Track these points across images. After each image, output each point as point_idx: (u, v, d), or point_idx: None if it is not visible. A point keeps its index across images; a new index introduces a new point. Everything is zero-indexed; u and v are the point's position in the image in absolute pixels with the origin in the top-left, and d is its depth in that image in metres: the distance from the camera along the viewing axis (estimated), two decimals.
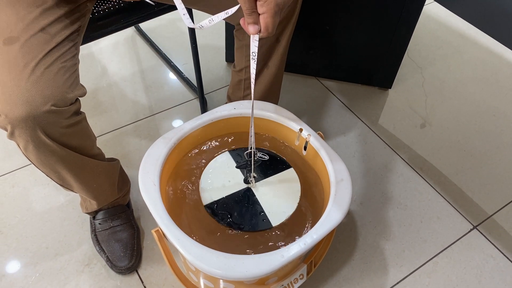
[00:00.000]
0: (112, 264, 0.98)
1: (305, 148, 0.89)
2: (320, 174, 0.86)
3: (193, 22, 0.69)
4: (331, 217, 0.74)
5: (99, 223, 1.01)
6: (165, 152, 0.82)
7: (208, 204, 0.84)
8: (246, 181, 0.87)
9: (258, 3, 0.60)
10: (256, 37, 0.64)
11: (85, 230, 1.05)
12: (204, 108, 1.33)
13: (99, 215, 1.01)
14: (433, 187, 1.18)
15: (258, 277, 0.69)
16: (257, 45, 0.65)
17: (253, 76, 0.69)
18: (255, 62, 0.67)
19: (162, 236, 0.75)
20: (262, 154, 0.89)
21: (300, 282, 0.86)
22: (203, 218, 0.82)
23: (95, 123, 1.27)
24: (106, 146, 1.23)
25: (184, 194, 0.85)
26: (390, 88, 1.44)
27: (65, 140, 0.75)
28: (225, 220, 0.82)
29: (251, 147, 0.80)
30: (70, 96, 0.72)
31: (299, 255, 0.70)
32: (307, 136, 0.87)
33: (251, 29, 0.63)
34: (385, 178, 1.20)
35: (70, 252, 1.02)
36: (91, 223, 1.03)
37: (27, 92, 0.67)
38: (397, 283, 1.00)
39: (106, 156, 0.94)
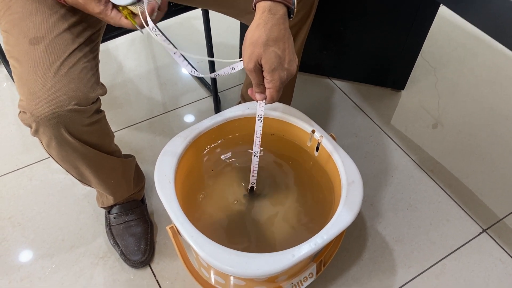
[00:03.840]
0: (125, 257, 1.01)
1: (317, 149, 0.91)
2: (331, 175, 0.88)
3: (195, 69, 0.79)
4: (342, 218, 0.76)
5: (114, 218, 1.03)
6: (180, 150, 0.84)
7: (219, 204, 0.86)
8: (251, 189, 0.90)
9: (265, 80, 0.70)
10: (263, 103, 0.75)
11: (100, 224, 1.08)
12: (217, 106, 1.35)
13: (114, 210, 1.03)
14: (443, 190, 1.19)
15: (269, 276, 0.71)
16: (263, 110, 0.76)
17: (259, 133, 0.78)
18: (262, 123, 0.78)
19: (176, 233, 0.77)
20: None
21: (310, 281, 0.88)
22: (217, 216, 0.84)
23: (111, 119, 1.29)
24: (121, 141, 1.25)
25: (198, 192, 0.87)
26: (403, 89, 1.45)
27: (86, 138, 0.78)
28: (237, 222, 0.84)
29: (253, 183, 0.87)
30: (92, 95, 0.74)
31: (309, 255, 0.72)
32: (319, 138, 0.88)
33: (258, 97, 0.74)
34: (395, 180, 1.21)
35: (86, 245, 1.05)
36: (106, 217, 1.06)
37: (52, 91, 0.69)
38: (405, 284, 1.02)
39: (122, 152, 0.97)
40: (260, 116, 0.76)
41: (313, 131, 0.89)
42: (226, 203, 0.89)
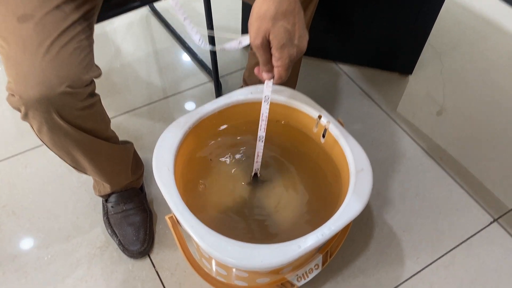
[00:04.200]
0: (124, 247, 0.97)
1: (323, 136, 0.86)
2: (338, 163, 0.84)
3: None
4: (350, 208, 0.72)
5: (112, 206, 1.00)
6: (180, 136, 0.80)
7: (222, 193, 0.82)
8: (255, 176, 0.85)
9: (273, 57, 0.65)
10: (270, 83, 0.70)
11: (98, 213, 1.04)
12: (218, 92, 1.30)
13: (112, 198, 0.99)
14: (453, 178, 1.15)
15: (273, 268, 0.67)
16: (271, 90, 0.71)
17: (265, 115, 0.73)
18: (268, 105, 0.73)
19: (176, 223, 0.73)
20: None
21: (315, 273, 0.84)
22: (219, 205, 0.80)
23: (108, 105, 1.24)
24: (119, 128, 1.21)
25: (199, 181, 0.83)
26: (411, 74, 1.40)
27: (79, 123, 0.74)
28: (239, 211, 0.80)
29: (256, 169, 0.81)
30: (86, 77, 0.70)
31: (316, 246, 0.68)
32: (326, 123, 0.84)
33: (265, 76, 0.69)
34: (403, 168, 1.17)
35: (82, 234, 1.01)
36: (103, 206, 1.02)
37: (42, 72, 0.65)
38: (413, 275, 0.98)
39: (120, 139, 0.93)
40: (267, 97, 0.72)
41: (319, 117, 0.85)
42: (228, 191, 0.85)
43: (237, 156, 0.89)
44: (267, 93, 0.71)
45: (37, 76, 0.64)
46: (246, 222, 0.79)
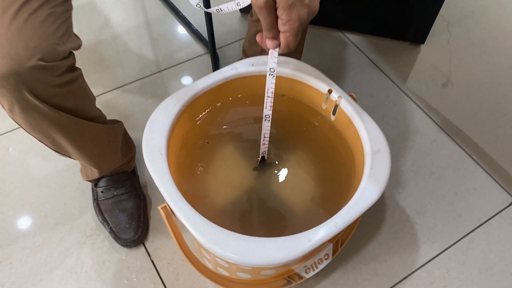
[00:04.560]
0: (116, 236, 0.90)
1: (333, 113, 0.77)
2: (351, 143, 0.75)
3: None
4: (365, 195, 0.64)
5: (102, 191, 0.92)
6: (173, 115, 0.71)
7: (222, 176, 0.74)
8: (262, 159, 0.77)
9: (279, 20, 0.55)
10: (275, 52, 0.60)
11: (87, 198, 0.97)
12: (216, 64, 1.21)
13: (102, 183, 0.91)
14: (469, 155, 1.07)
15: (281, 264, 0.59)
16: (276, 61, 0.60)
17: (270, 91, 0.64)
18: (274, 79, 0.62)
19: (169, 214, 0.65)
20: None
21: (325, 263, 0.77)
22: (220, 193, 0.72)
23: (97, 80, 1.15)
24: (108, 106, 1.12)
25: (197, 164, 0.75)
26: (423, 43, 1.29)
27: (57, 101, 0.64)
28: (244, 199, 0.72)
29: (264, 152, 0.72)
30: (62, 49, 0.60)
31: (328, 238, 0.61)
32: (337, 99, 0.75)
33: (269, 44, 0.59)
34: (416, 145, 1.09)
35: (71, 221, 0.94)
36: (92, 191, 0.94)
37: (8, 44, 0.55)
38: (429, 261, 0.91)
39: (108, 118, 0.84)
40: (272, 70, 0.62)
41: (329, 91, 0.76)
42: (229, 178, 0.77)
43: (239, 136, 0.81)
44: (272, 65, 0.61)
45: (2, 47, 0.55)
46: (250, 212, 0.71)
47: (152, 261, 0.89)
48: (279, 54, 0.60)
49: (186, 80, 1.20)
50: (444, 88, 1.20)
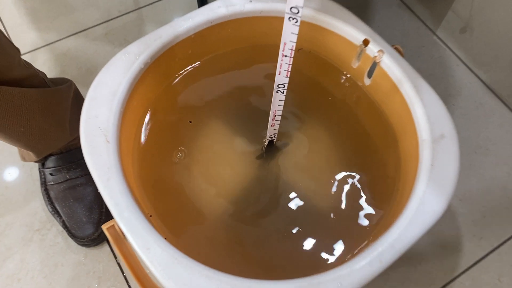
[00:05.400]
0: (70, 232, 0.69)
1: (369, 75, 0.53)
2: (395, 123, 0.52)
3: None
4: (426, 206, 0.42)
5: (51, 174, 0.69)
6: (130, 79, 0.47)
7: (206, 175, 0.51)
8: (270, 144, 0.53)
9: None
10: None
11: (36, 180, 0.75)
12: (202, 1, 0.95)
13: (50, 162, 0.69)
14: None
15: None
16: None
17: (291, 44, 0.41)
18: (297, 25, 0.39)
19: (119, 236, 0.43)
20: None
21: None
22: (205, 195, 0.49)
23: (46, 27, 0.89)
24: (58, 59, 0.86)
25: (171, 153, 0.52)
26: None
27: None
28: (240, 199, 0.49)
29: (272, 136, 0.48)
30: None
31: (368, 281, 0.39)
32: (377, 54, 0.50)
33: None
34: (458, 110, 0.86)
35: (14, 211, 0.73)
36: (40, 173, 0.72)
37: None
38: (475, 263, 0.72)
39: (54, 76, 0.60)
40: (295, 11, 0.37)
41: (365, 42, 0.51)
42: (222, 171, 0.53)
43: (236, 113, 0.57)
44: (296, 1, 0.36)
45: None
46: (257, 222, 0.49)
47: (119, 264, 0.69)
48: None
49: (162, 22, 0.94)
50: (493, 35, 0.95)
